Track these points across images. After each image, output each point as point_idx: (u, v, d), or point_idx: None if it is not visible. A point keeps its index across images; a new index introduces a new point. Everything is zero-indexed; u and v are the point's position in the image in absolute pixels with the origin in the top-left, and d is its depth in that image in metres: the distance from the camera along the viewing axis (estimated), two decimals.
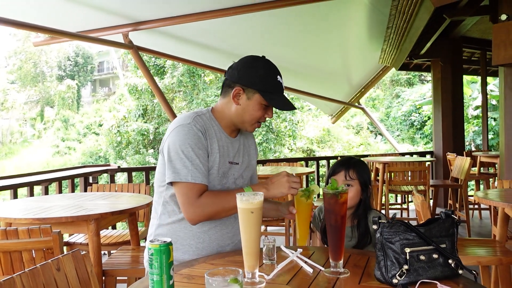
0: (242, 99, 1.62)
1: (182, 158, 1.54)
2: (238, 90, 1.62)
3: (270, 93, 1.61)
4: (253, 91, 1.61)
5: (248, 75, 1.60)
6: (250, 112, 1.63)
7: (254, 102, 1.62)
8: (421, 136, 18.36)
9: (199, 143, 1.57)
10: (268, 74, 1.61)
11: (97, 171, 4.96)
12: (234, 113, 1.65)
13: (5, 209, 2.57)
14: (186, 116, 1.63)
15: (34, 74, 32.83)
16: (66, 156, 25.07)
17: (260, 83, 1.60)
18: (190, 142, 1.55)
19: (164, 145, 1.61)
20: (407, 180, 5.13)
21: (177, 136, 1.57)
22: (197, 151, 1.56)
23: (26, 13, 4.84)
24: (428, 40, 6.11)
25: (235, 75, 1.62)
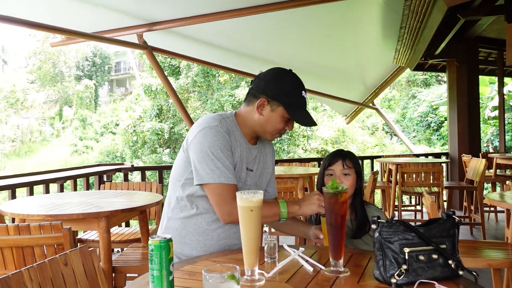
0: (266, 110, 1.67)
1: (213, 159, 1.57)
2: (263, 101, 1.66)
3: (294, 108, 1.65)
4: (278, 103, 1.65)
5: (274, 87, 1.65)
6: (272, 124, 1.68)
7: (277, 114, 1.66)
8: (438, 138, 18.13)
9: (227, 145, 1.62)
10: (294, 89, 1.65)
11: (111, 169, 5.03)
12: (256, 122, 1.70)
13: (19, 206, 2.64)
14: (213, 118, 1.66)
15: (53, 74, 33.40)
16: (83, 155, 25.45)
17: (285, 97, 1.64)
18: (219, 144, 1.59)
19: (189, 145, 1.64)
20: (420, 181, 5.09)
21: (205, 138, 1.60)
22: (226, 152, 1.60)
23: (44, 14, 4.94)
24: (442, 40, 6.05)
25: (262, 86, 1.67)
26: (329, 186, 1.34)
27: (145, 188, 3.60)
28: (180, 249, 1.69)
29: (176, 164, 1.73)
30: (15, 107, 31.33)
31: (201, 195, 1.65)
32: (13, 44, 36.88)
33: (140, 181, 3.78)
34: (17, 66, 35.94)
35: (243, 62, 7.17)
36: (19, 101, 31.40)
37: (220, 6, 4.78)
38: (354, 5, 5.11)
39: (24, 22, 4.17)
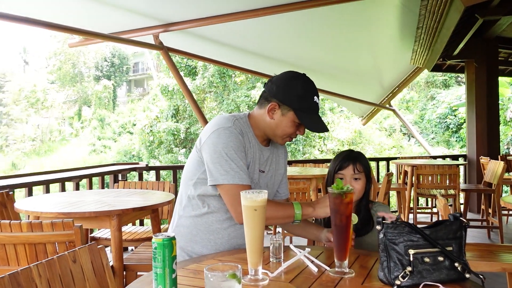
0: (276, 114, 1.66)
1: (227, 160, 1.58)
2: (274, 105, 1.66)
3: (305, 113, 1.64)
4: (288, 108, 1.64)
5: (285, 92, 1.64)
6: (282, 128, 1.67)
7: (287, 119, 1.65)
8: (457, 140, 17.86)
9: (241, 145, 1.63)
10: (306, 94, 1.63)
11: (126, 169, 5.09)
12: (267, 125, 1.70)
13: (34, 203, 2.68)
14: (226, 119, 1.67)
15: (72, 74, 33.92)
16: (101, 154, 25.79)
17: (296, 102, 1.63)
18: (232, 145, 1.60)
19: (203, 146, 1.65)
20: (436, 183, 5.01)
21: (218, 139, 1.60)
22: (239, 153, 1.61)
23: (63, 16, 5.03)
24: (461, 41, 5.96)
25: (273, 89, 1.67)
26: (334, 186, 1.33)
27: (158, 187, 3.63)
28: (191, 247, 1.70)
29: (189, 163, 1.74)
30: (35, 107, 31.92)
31: (213, 194, 1.66)
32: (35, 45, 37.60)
33: (154, 181, 3.80)
34: (38, 67, 36.63)
35: (259, 62, 7.18)
36: (39, 101, 31.98)
37: (235, 6, 4.79)
38: (371, 6, 5.07)
39: (44, 23, 4.26)
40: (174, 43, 5.79)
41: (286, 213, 1.63)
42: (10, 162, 27.09)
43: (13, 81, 33.06)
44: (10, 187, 3.52)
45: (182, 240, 1.71)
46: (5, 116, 31.61)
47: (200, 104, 17.26)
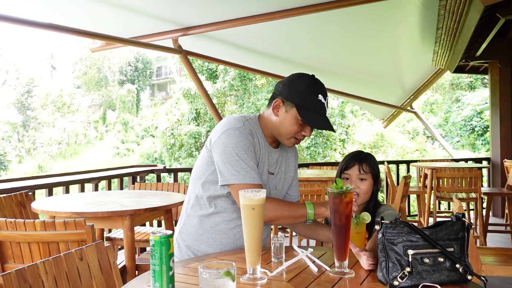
0: (281, 111, 1.67)
1: (238, 160, 1.59)
2: (279, 102, 1.67)
3: (307, 110, 1.62)
4: (291, 104, 1.64)
5: (289, 88, 1.65)
6: (285, 126, 1.67)
7: (290, 116, 1.65)
8: (483, 143, 17.44)
9: (251, 146, 1.64)
10: (309, 91, 1.63)
11: (144, 171, 5.16)
12: (273, 124, 1.70)
13: (50, 203, 2.75)
14: (236, 120, 1.68)
15: (98, 79, 34.62)
16: (125, 157, 26.20)
17: (298, 98, 1.62)
18: (242, 145, 1.61)
19: (213, 146, 1.65)
20: (457, 187, 4.91)
21: (229, 139, 1.61)
22: (250, 153, 1.62)
23: (86, 22, 5.15)
24: (483, 41, 5.83)
25: (279, 87, 1.69)
26: (334, 186, 1.32)
27: (173, 189, 3.66)
28: (197, 246, 1.71)
29: (198, 163, 1.75)
30: (62, 111, 32.69)
31: (221, 194, 1.67)
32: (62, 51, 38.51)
33: (169, 183, 3.85)
34: (65, 72, 37.48)
35: (278, 65, 7.17)
36: (65, 105, 32.75)
37: (253, 10, 4.80)
38: (390, 7, 5.00)
39: (68, 29, 4.37)
40: (193, 47, 5.84)
41: (298, 213, 1.63)
42: (37, 165, 27.79)
43: (41, 86, 33.95)
44: (30, 188, 3.61)
45: (188, 239, 1.72)
46: (33, 120, 32.48)
47: (220, 107, 17.37)
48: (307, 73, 1.71)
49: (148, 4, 4.64)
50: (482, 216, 4.97)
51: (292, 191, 1.91)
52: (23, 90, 33.71)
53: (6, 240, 2.16)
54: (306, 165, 6.24)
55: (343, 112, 16.62)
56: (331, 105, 16.47)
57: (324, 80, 5.55)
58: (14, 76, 34.74)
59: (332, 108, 16.49)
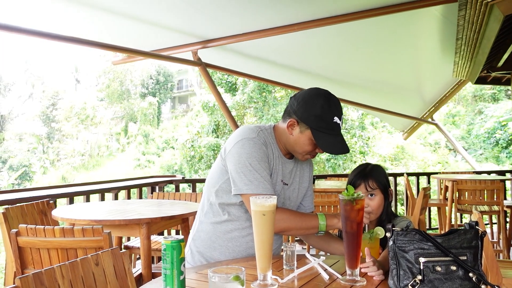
0: (295, 131, 1.67)
1: (251, 170, 1.60)
2: (293, 122, 1.67)
3: (322, 133, 1.62)
4: (306, 126, 1.64)
5: (305, 110, 1.64)
6: (300, 145, 1.68)
7: (305, 137, 1.65)
8: (508, 155, 17.07)
9: (265, 156, 1.65)
10: (325, 114, 1.61)
11: (163, 181, 5.21)
12: (288, 140, 1.71)
13: (70, 211, 2.80)
14: (251, 130, 1.69)
15: (120, 92, 35.23)
16: (146, 169, 26.47)
17: (314, 121, 1.62)
18: (256, 155, 1.62)
19: (227, 156, 1.68)
20: (478, 199, 4.81)
21: (243, 149, 1.63)
22: (263, 164, 1.63)
23: (107, 35, 5.29)
24: (505, 52, 5.74)
25: (294, 105, 1.67)
26: (345, 193, 1.32)
27: (190, 198, 3.69)
28: (210, 253, 1.72)
29: (212, 171, 1.78)
30: (85, 123, 33.33)
31: (234, 203, 1.69)
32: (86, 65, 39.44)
33: (186, 192, 3.88)
34: (88, 85, 38.30)
35: (297, 77, 7.19)
36: (89, 117, 33.39)
37: (271, 22, 4.84)
38: (410, 19, 4.99)
39: (91, 42, 4.52)
40: (212, 59, 5.91)
41: (310, 224, 1.63)
42: (61, 176, 28.31)
43: (65, 99, 34.75)
44: (52, 197, 3.69)
45: (201, 246, 1.74)
46: (57, 132, 33.20)
47: (240, 119, 17.45)
48: (323, 88, 1.70)
49: (168, 18, 4.74)
50: (505, 229, 4.86)
51: (306, 201, 1.91)
52: (48, 103, 34.56)
53: (27, 246, 2.21)
54: (324, 176, 6.21)
55: (363, 124, 16.51)
56: (351, 117, 16.38)
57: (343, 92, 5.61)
58: (40, 89, 35.67)
59: (352, 120, 16.40)
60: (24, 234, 2.18)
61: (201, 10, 4.51)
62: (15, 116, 34.17)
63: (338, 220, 1.60)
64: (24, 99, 35.66)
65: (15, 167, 28.13)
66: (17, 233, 2.19)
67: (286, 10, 4.53)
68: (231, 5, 4.38)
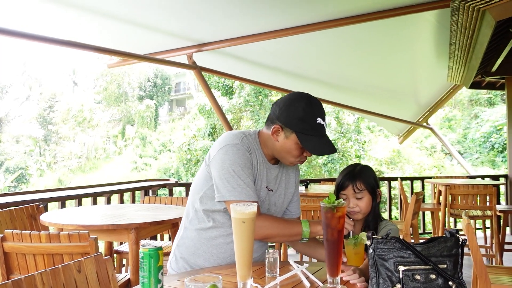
0: (280, 137, 1.66)
1: (234, 177, 1.59)
2: (277, 128, 1.65)
3: (307, 135, 1.61)
4: (291, 131, 1.63)
5: (287, 114, 1.63)
6: (287, 150, 1.66)
7: (291, 141, 1.64)
8: (503, 160, 17.09)
9: (248, 162, 1.64)
10: (307, 116, 1.61)
11: (156, 185, 5.20)
12: (273, 147, 1.70)
13: (59, 216, 2.79)
14: (234, 136, 1.69)
15: (117, 94, 35.19)
16: (142, 171, 26.42)
17: (297, 125, 1.61)
18: (239, 162, 1.61)
19: (211, 162, 1.67)
20: (471, 204, 4.81)
21: (226, 155, 1.62)
22: (246, 170, 1.62)
23: (103, 38, 5.28)
24: (498, 57, 5.76)
25: (277, 112, 1.67)
26: (326, 200, 1.32)
27: (182, 202, 3.68)
28: (194, 260, 1.72)
29: (197, 177, 1.77)
30: (82, 126, 33.27)
31: (218, 209, 1.68)
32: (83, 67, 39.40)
33: (178, 197, 3.87)
34: (86, 87, 38.25)
35: (293, 81, 7.19)
36: (86, 120, 33.35)
37: (267, 26, 4.83)
38: (405, 23, 5.01)
39: (86, 46, 4.51)
40: (207, 63, 5.91)
41: (293, 231, 1.62)
42: (57, 179, 28.23)
43: (62, 101, 34.70)
44: (43, 201, 3.67)
45: (185, 252, 1.73)
46: (54, 134, 33.14)
47: (236, 123, 17.44)
48: (303, 92, 1.69)
49: (163, 21, 4.73)
50: (498, 234, 4.86)
51: (292, 207, 1.90)
52: (45, 105, 34.50)
53: (12, 252, 2.20)
54: (318, 181, 6.20)
55: (359, 128, 16.52)
56: (347, 121, 16.39)
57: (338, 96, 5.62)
58: (37, 91, 35.62)
59: (348, 124, 16.41)
60: (10, 239, 2.16)
61: (196, 13, 4.51)
62: (12, 118, 34.11)
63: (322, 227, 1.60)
64: (21, 101, 35.60)
65: (12, 169, 28.06)
66: (2, 238, 2.18)
67: (281, 14, 4.53)
68: (226, 9, 4.38)
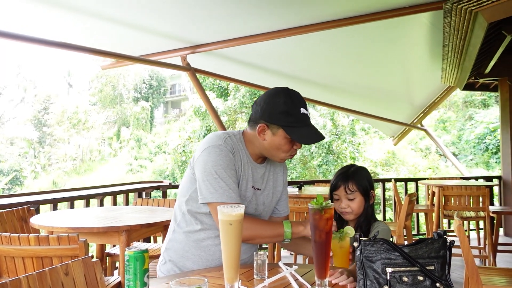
0: (267, 135, 1.65)
1: (216, 178, 1.58)
2: (263, 126, 1.64)
3: (294, 127, 1.61)
4: (277, 126, 1.62)
5: (270, 111, 1.62)
6: (276, 147, 1.65)
7: (279, 137, 1.63)
8: (497, 161, 17.17)
9: (231, 164, 1.63)
10: (290, 109, 1.60)
11: (150, 187, 5.18)
12: (261, 147, 1.69)
13: (49, 218, 2.77)
14: (218, 137, 1.67)
15: (113, 96, 35.09)
16: (138, 173, 26.34)
17: (282, 119, 1.60)
18: (222, 163, 1.60)
19: (195, 163, 1.67)
20: (464, 205, 4.82)
21: (209, 157, 1.62)
22: (229, 171, 1.61)
23: (96, 40, 5.26)
24: (492, 58, 5.79)
25: (259, 111, 1.66)
26: (314, 202, 1.31)
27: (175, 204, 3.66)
28: (183, 263, 1.70)
29: (184, 180, 1.76)
30: (77, 128, 33.15)
31: (205, 212, 1.67)
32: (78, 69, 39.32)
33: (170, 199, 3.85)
34: (81, 89, 38.12)
35: (287, 83, 7.16)
36: (81, 121, 33.23)
37: (261, 28, 4.84)
38: (399, 25, 5.02)
39: (79, 47, 4.50)
40: (202, 64, 5.90)
41: (275, 232, 1.62)
42: (52, 181, 28.10)
43: (57, 103, 34.55)
44: (35, 203, 3.65)
45: (174, 255, 1.72)
46: (49, 136, 32.99)
47: (232, 124, 17.43)
48: (279, 86, 1.68)
49: (157, 23, 4.72)
50: (491, 235, 4.87)
51: (281, 205, 1.90)
52: (40, 107, 34.35)
53: (1, 255, 2.17)
54: (312, 182, 6.20)
55: (354, 130, 16.56)
56: (342, 123, 16.42)
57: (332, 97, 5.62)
58: (32, 93, 35.46)
59: (343, 125, 16.44)
60: None
61: (190, 15, 4.50)
62: (6, 120, 33.93)
63: (305, 227, 1.60)
64: (16, 103, 35.44)
65: (6, 171, 27.90)
66: None
67: (275, 16, 4.53)
68: (220, 10, 4.37)
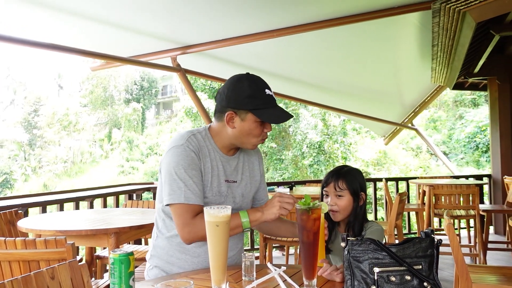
0: (236, 122, 1.64)
1: (176, 179, 1.57)
2: (231, 114, 1.62)
3: (262, 109, 1.61)
4: (245, 111, 1.61)
5: (236, 97, 1.61)
6: (247, 132, 1.64)
7: (249, 122, 1.62)
8: (487, 160, 17.33)
9: (193, 163, 1.60)
10: (255, 91, 1.60)
11: (140, 188, 5.15)
12: (232, 136, 1.67)
13: (37, 221, 2.73)
14: (180, 137, 1.66)
15: (104, 97, 34.89)
16: (129, 175, 26.22)
17: (250, 103, 1.59)
18: (183, 164, 1.58)
19: (161, 166, 1.66)
20: (454, 204, 4.85)
21: (171, 158, 1.60)
22: (190, 172, 1.58)
23: (86, 41, 5.22)
24: (480, 58, 5.83)
25: (224, 99, 1.64)
26: (301, 202, 1.30)
27: None
28: (169, 268, 1.68)
29: (158, 185, 1.73)
30: (68, 130, 32.91)
31: None
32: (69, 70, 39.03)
33: None
34: (71, 91, 37.86)
35: (278, 83, 7.19)
36: (71, 123, 32.99)
37: (251, 28, 4.83)
38: (389, 25, 5.04)
39: (69, 49, 4.47)
40: (192, 65, 5.88)
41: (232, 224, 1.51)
42: (42, 183, 27.86)
43: (47, 105, 34.29)
44: (23, 206, 3.60)
45: (159, 262, 1.70)
46: (39, 138, 32.71)
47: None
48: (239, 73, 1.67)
49: (147, 24, 4.70)
50: (482, 234, 4.90)
51: (260, 194, 1.88)
52: (30, 109, 34.06)
53: None
54: (303, 182, 6.21)
55: (345, 130, 16.61)
56: (333, 123, 16.46)
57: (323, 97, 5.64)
58: (22, 95, 35.15)
59: (334, 126, 16.48)
60: None
61: (180, 16, 4.48)
62: None
63: (262, 213, 1.56)
64: (6, 105, 35.13)
65: None
66: None
67: (265, 16, 4.53)
68: (211, 11, 4.36)
